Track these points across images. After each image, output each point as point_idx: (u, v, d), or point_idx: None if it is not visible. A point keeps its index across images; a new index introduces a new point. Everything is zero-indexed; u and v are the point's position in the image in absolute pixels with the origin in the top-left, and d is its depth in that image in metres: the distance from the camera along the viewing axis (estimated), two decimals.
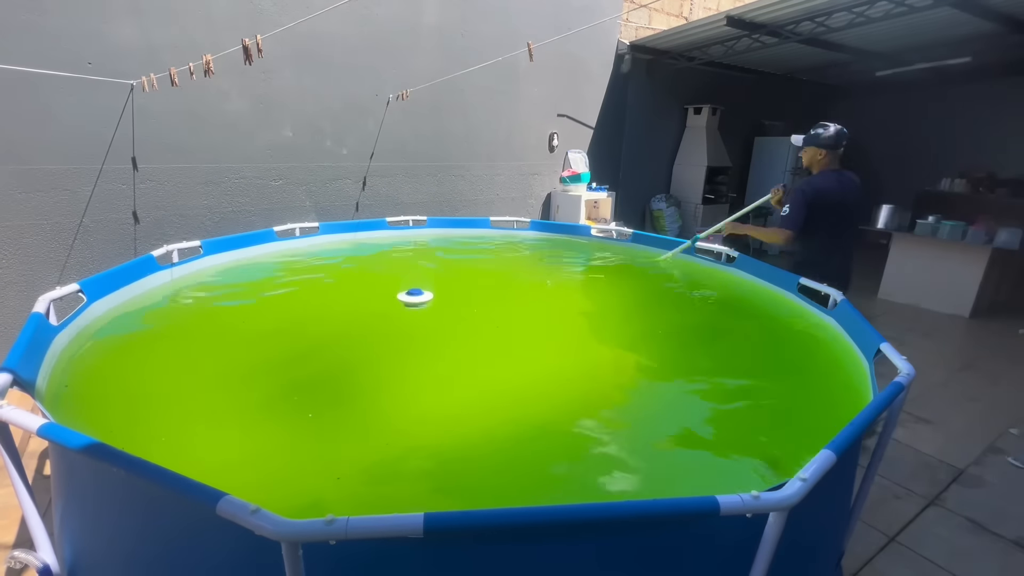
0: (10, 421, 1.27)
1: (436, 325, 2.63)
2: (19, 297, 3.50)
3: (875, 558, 2.26)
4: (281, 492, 1.41)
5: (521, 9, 5.33)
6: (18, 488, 1.41)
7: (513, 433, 1.72)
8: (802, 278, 2.75)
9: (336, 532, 0.91)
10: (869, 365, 1.91)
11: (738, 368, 2.23)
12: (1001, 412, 3.53)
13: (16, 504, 1.56)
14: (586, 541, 1.11)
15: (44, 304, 2.00)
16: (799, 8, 4.76)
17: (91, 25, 3.40)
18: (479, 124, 5.37)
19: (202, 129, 3.94)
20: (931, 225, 5.56)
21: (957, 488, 2.75)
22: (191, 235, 3.92)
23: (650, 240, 3.97)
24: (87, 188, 3.60)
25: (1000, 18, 4.86)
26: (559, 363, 2.25)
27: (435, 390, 2.01)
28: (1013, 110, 7.34)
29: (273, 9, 4.01)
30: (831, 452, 1.17)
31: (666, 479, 1.58)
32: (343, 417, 1.80)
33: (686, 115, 7.26)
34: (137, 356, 2.13)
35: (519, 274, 3.87)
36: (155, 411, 1.77)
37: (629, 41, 6.22)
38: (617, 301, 3.10)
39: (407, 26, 4.69)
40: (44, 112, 3.36)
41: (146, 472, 1.06)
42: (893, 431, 1.68)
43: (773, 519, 1.07)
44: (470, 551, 1.08)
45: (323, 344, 2.36)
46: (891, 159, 8.75)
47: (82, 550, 1.44)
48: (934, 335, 5.00)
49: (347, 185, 4.76)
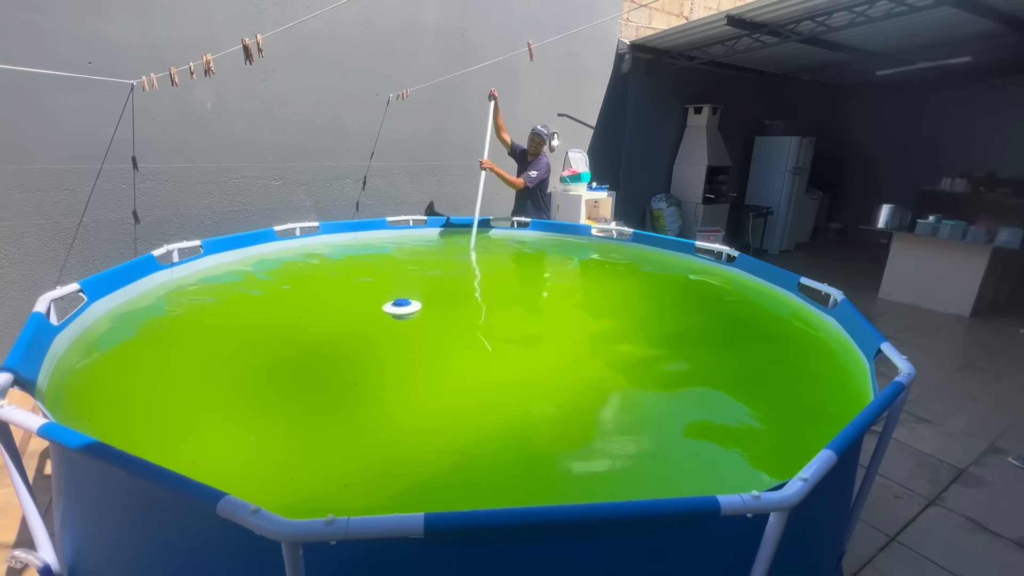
0: (10, 421, 1.27)
1: (428, 333, 2.54)
2: (19, 297, 3.50)
3: (875, 558, 2.26)
4: (281, 492, 1.41)
5: (521, 9, 5.33)
6: (18, 488, 1.41)
7: (512, 434, 1.72)
8: (802, 278, 2.76)
9: (336, 532, 0.91)
10: (869, 365, 1.90)
11: (737, 368, 2.23)
12: (1002, 412, 3.53)
13: (16, 504, 1.56)
14: (586, 541, 1.11)
15: (44, 304, 2.00)
16: (799, 8, 4.75)
17: (91, 25, 3.40)
18: (479, 124, 5.35)
19: (202, 129, 3.94)
20: (931, 225, 5.56)
21: (957, 488, 2.75)
22: (191, 235, 3.92)
23: (651, 240, 3.98)
24: (87, 188, 3.60)
25: (1000, 18, 4.85)
26: (559, 364, 2.25)
27: (434, 391, 2.00)
28: (1013, 110, 7.34)
29: (273, 9, 4.01)
30: (831, 452, 1.17)
31: (666, 479, 1.58)
32: (343, 417, 1.80)
33: (686, 115, 7.25)
34: (137, 356, 2.13)
35: (515, 276, 3.87)
36: (155, 411, 1.77)
37: (629, 41, 6.22)
38: (615, 301, 3.10)
39: (407, 26, 4.69)
40: (44, 112, 3.36)
41: (146, 472, 1.06)
42: (893, 431, 1.68)
43: (774, 519, 1.07)
44: (470, 551, 1.08)
45: (322, 344, 2.36)
46: (891, 158, 8.75)
47: (82, 550, 1.44)
48: (934, 335, 5.00)
49: (347, 185, 4.76)
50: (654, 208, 7.16)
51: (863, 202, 8.23)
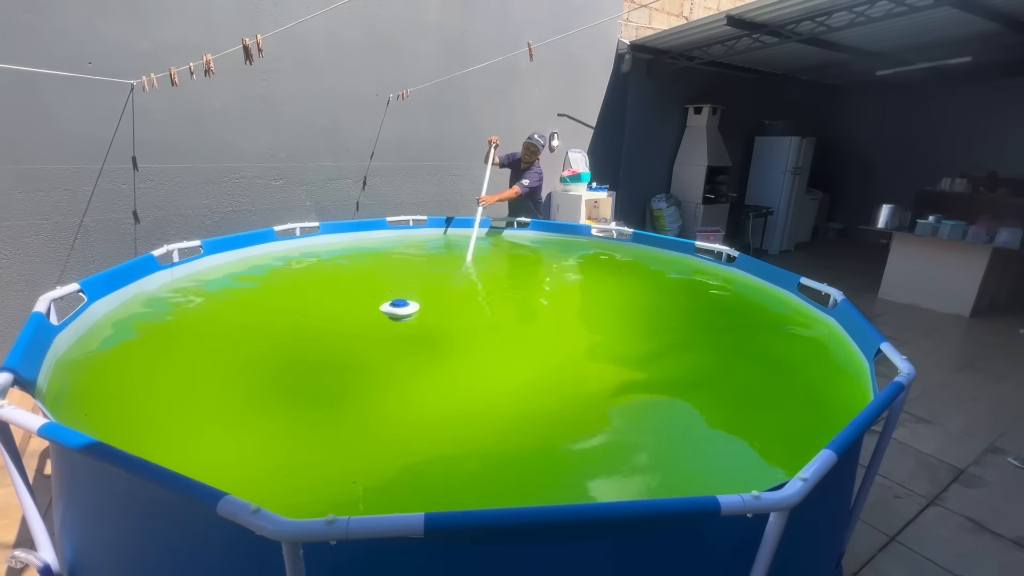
0: (11, 421, 1.27)
1: (429, 333, 2.54)
2: (19, 297, 3.50)
3: (875, 558, 2.26)
4: (281, 492, 1.41)
5: (521, 9, 5.33)
6: (19, 488, 1.41)
7: (512, 434, 1.72)
8: (802, 278, 2.76)
9: (336, 532, 0.91)
10: (869, 365, 1.91)
11: (737, 368, 2.23)
12: (1001, 412, 3.53)
13: (17, 504, 1.56)
14: (587, 541, 1.11)
15: (45, 304, 2.00)
16: (799, 8, 4.75)
17: (91, 25, 3.40)
18: (479, 124, 5.36)
19: (202, 129, 3.94)
20: (931, 225, 5.56)
21: (957, 488, 2.75)
22: (191, 235, 3.92)
23: (650, 240, 3.98)
24: (87, 188, 3.60)
25: (1000, 18, 4.85)
26: (559, 364, 2.25)
27: (435, 392, 2.00)
28: (1013, 110, 7.34)
29: (273, 9, 4.01)
30: (831, 452, 1.17)
31: (666, 479, 1.58)
32: (343, 418, 1.80)
33: (686, 115, 7.25)
34: (137, 355, 2.13)
35: (516, 276, 3.87)
36: (155, 411, 1.77)
37: (629, 41, 6.22)
38: (615, 301, 3.10)
39: (407, 26, 4.69)
40: (44, 112, 3.36)
41: (147, 472, 1.07)
42: (893, 431, 1.68)
43: (774, 519, 1.07)
44: (470, 551, 1.08)
45: (323, 344, 2.36)
46: (891, 159, 8.75)
47: (83, 549, 1.44)
48: (934, 335, 5.00)
49: (347, 185, 4.76)
50: (654, 208, 7.16)
51: (863, 202, 8.24)
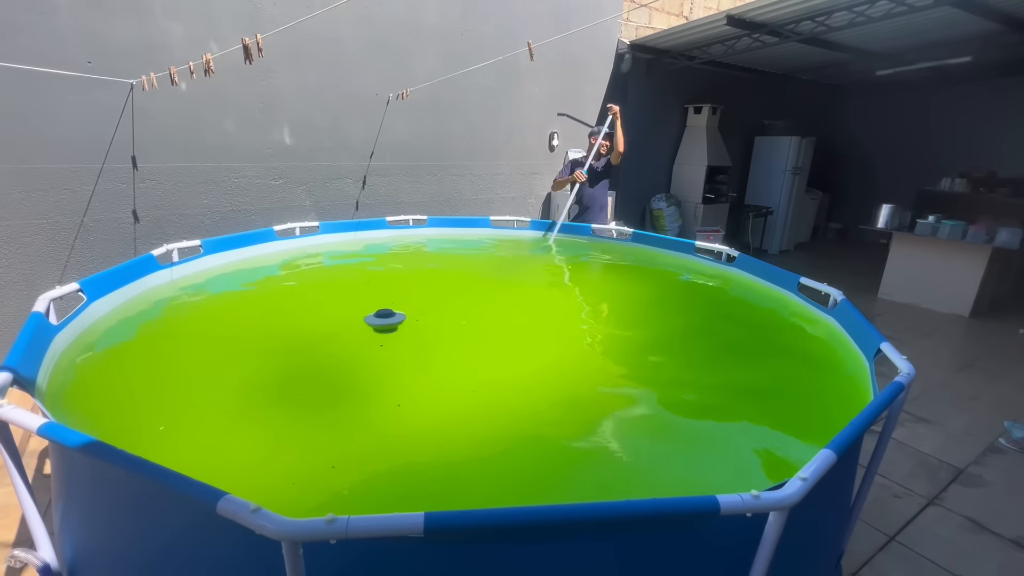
0: (10, 420, 1.27)
1: (430, 333, 2.53)
2: (19, 296, 3.50)
3: (875, 558, 2.26)
4: (281, 493, 1.41)
5: (521, 9, 5.33)
6: (18, 487, 1.41)
7: (512, 434, 1.72)
8: (802, 278, 2.76)
9: (337, 531, 0.91)
10: (869, 364, 1.90)
11: (738, 367, 2.23)
12: (1001, 412, 3.53)
13: (16, 503, 1.56)
14: (586, 541, 1.11)
15: (44, 303, 2.00)
16: (799, 7, 4.75)
17: (91, 25, 3.40)
18: (479, 124, 5.37)
19: (202, 129, 3.94)
20: (931, 225, 5.56)
21: (957, 488, 2.76)
22: (191, 234, 3.92)
23: (650, 240, 3.98)
24: (87, 187, 3.60)
25: (1000, 18, 4.85)
26: (559, 363, 2.25)
27: (435, 393, 2.01)
28: (1013, 110, 7.34)
29: (273, 9, 4.01)
30: (831, 452, 1.17)
31: (665, 479, 1.58)
32: (343, 419, 1.80)
33: (686, 114, 7.25)
34: (137, 355, 2.13)
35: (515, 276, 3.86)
36: (155, 410, 1.77)
37: (629, 40, 6.21)
38: (614, 301, 3.10)
39: (407, 26, 4.69)
40: (44, 112, 3.35)
41: (146, 471, 1.06)
42: (893, 431, 1.68)
43: (773, 519, 1.07)
44: (470, 551, 1.08)
45: (323, 344, 2.36)
46: (891, 159, 8.76)
47: (82, 549, 1.44)
48: (934, 335, 5.00)
49: (347, 184, 4.75)
50: (654, 208, 7.16)
51: (863, 202, 8.24)
